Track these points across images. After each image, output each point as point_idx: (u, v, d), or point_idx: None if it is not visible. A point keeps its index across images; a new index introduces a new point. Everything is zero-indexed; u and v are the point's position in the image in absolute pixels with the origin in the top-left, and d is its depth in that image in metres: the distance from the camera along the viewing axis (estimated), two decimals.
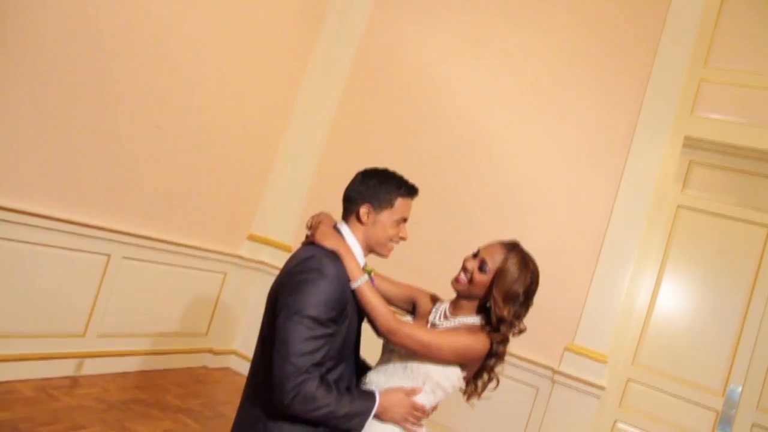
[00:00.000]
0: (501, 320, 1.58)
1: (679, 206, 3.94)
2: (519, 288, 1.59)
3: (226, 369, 4.55)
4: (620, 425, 3.83)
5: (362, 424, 1.48)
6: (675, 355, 3.78)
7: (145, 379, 3.86)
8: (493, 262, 1.61)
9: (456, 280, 1.67)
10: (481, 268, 1.62)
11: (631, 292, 3.85)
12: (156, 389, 3.76)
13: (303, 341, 1.40)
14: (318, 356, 1.41)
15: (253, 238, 4.66)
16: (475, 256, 1.66)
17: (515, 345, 3.81)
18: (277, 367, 1.40)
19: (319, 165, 4.77)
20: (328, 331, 1.44)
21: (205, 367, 4.47)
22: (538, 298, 3.98)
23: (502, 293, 1.58)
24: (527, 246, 1.83)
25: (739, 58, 3.78)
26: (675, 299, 3.86)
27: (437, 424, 4.00)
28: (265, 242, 4.64)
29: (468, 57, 4.45)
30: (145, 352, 4.00)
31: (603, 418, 3.83)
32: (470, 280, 1.64)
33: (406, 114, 4.58)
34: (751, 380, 3.58)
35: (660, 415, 3.75)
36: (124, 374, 3.81)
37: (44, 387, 3.28)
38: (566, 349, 3.78)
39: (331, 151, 4.75)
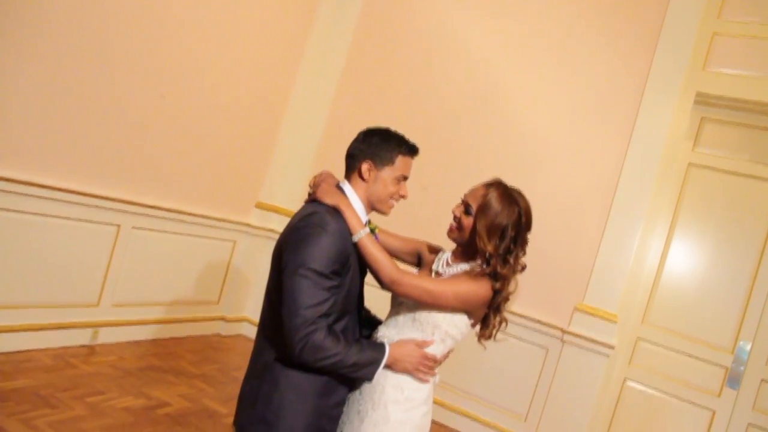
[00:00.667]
0: (488, 256, 1.58)
1: (689, 164, 3.89)
2: (502, 220, 1.58)
3: (239, 336, 4.62)
4: (630, 384, 3.87)
5: (372, 374, 1.53)
6: (685, 314, 3.79)
7: (160, 347, 3.93)
8: (476, 202, 1.62)
9: (449, 230, 1.69)
10: (466, 210, 1.64)
11: (641, 252, 3.84)
12: (171, 356, 3.83)
13: (308, 294, 1.44)
14: (324, 307, 1.45)
15: (261, 206, 4.67)
16: (461, 201, 1.69)
17: (525, 306, 3.88)
18: (285, 320, 1.45)
19: (326, 131, 4.73)
20: (333, 283, 1.48)
21: (218, 335, 4.53)
22: (546, 259, 4.01)
23: (484, 227, 1.58)
24: (537, 205, 1.82)
25: (754, 10, 3.68)
26: (685, 258, 3.85)
27: (449, 385, 4.06)
28: (274, 210, 4.64)
29: (478, 13, 4.35)
30: (158, 321, 4.06)
31: (612, 377, 3.87)
32: (458, 226, 1.66)
33: (415, 73, 4.51)
34: (761, 337, 3.59)
35: (669, 372, 3.78)
36: (138, 342, 3.88)
37: (62, 355, 3.35)
38: (576, 309, 3.79)
39: (337, 115, 4.71)
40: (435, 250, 1.82)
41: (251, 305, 4.69)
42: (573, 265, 3.87)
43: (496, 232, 1.59)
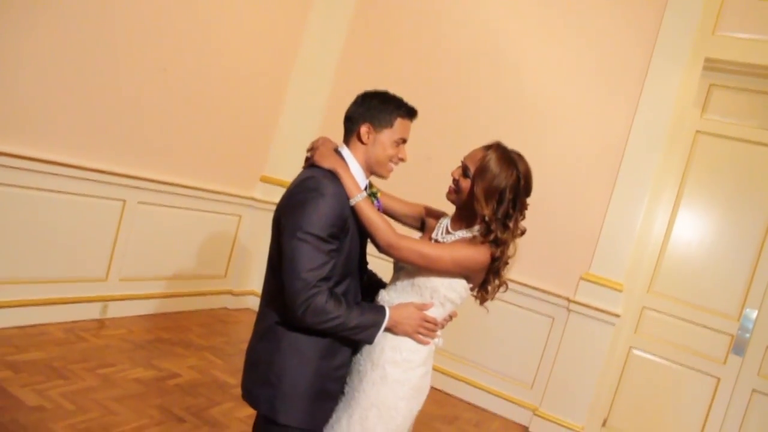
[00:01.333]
0: (486, 220, 1.58)
1: (697, 131, 3.84)
2: (500, 183, 1.56)
3: (246, 309, 4.66)
4: (635, 352, 3.89)
5: (373, 336, 1.55)
6: (691, 282, 3.79)
7: (169, 321, 3.97)
8: (474, 164, 1.60)
9: (447, 192, 1.68)
10: (464, 173, 1.62)
11: (648, 220, 3.82)
12: (179, 329, 3.87)
13: (308, 258, 1.45)
14: (325, 271, 1.47)
15: (265, 180, 4.67)
16: (460, 164, 1.67)
17: (531, 276, 3.89)
18: (287, 284, 1.47)
19: (329, 102, 4.69)
20: (332, 246, 1.49)
21: (225, 308, 4.58)
22: (552, 228, 4.00)
23: (482, 190, 1.57)
24: (543, 174, 1.80)
25: None
26: (692, 226, 3.83)
27: (456, 355, 4.10)
28: (278, 183, 4.64)
29: None
30: (166, 295, 4.09)
31: (618, 346, 3.89)
32: (456, 188, 1.65)
33: (420, 41, 4.45)
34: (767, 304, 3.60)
35: (675, 340, 3.80)
36: (147, 316, 3.92)
37: (73, 329, 3.39)
38: (581, 278, 3.79)
39: (340, 86, 4.66)
40: (437, 216, 1.80)
41: (258, 279, 4.72)
42: (579, 234, 3.86)
43: (493, 195, 1.57)
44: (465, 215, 1.67)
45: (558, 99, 4.00)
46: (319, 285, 1.46)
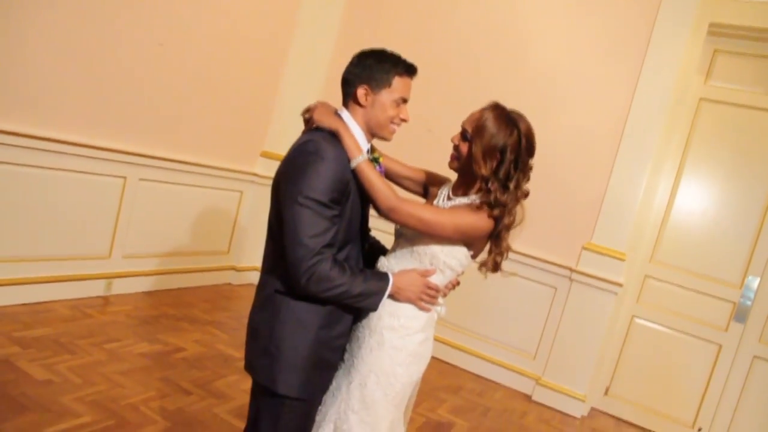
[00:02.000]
0: (485, 180, 1.55)
1: (701, 99, 3.80)
2: (498, 142, 1.53)
3: (250, 285, 4.68)
4: (638, 321, 3.91)
5: (377, 304, 1.53)
6: (693, 250, 3.79)
7: (173, 297, 4.00)
8: (471, 125, 1.57)
9: (449, 160, 1.65)
10: (463, 136, 1.59)
11: (650, 189, 3.80)
12: (184, 305, 3.90)
13: (310, 224, 1.41)
14: (328, 237, 1.43)
15: (266, 155, 4.65)
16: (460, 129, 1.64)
17: (533, 246, 3.89)
18: (289, 252, 1.43)
19: (328, 75, 4.64)
20: (334, 212, 1.45)
21: (229, 284, 4.60)
22: (554, 198, 3.99)
23: (480, 150, 1.54)
24: (545, 143, 1.76)
25: None
26: (695, 194, 3.81)
27: (459, 326, 4.13)
28: (279, 159, 4.58)
29: None
30: (170, 272, 4.11)
31: (620, 315, 3.91)
32: (457, 154, 1.61)
33: (421, 12, 4.38)
34: None
35: (677, 309, 3.81)
36: (151, 293, 3.95)
37: (78, 306, 3.42)
38: (584, 248, 3.79)
39: (339, 59, 4.60)
40: (441, 182, 1.77)
41: (260, 254, 4.71)
42: (581, 203, 3.85)
43: (492, 155, 1.54)
44: (466, 181, 1.64)
45: (560, 67, 3.95)
46: (323, 252, 1.42)
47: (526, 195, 1.61)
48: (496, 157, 1.55)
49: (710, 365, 3.72)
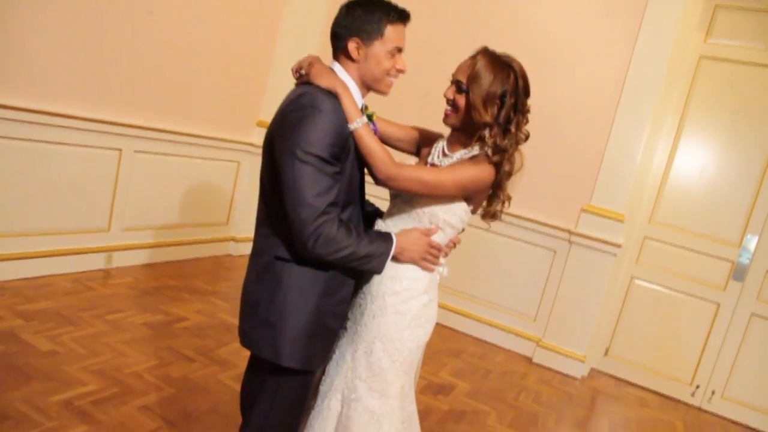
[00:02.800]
0: (488, 127, 1.51)
1: (701, 57, 3.74)
2: (497, 88, 1.49)
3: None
4: (637, 281, 3.93)
5: (382, 265, 1.47)
6: (692, 210, 3.79)
7: (173, 268, 4.02)
8: (465, 75, 1.52)
9: (444, 116, 1.59)
10: (458, 89, 1.53)
11: (649, 149, 3.78)
12: (184, 276, 3.92)
13: (313, 182, 1.32)
14: (332, 195, 1.35)
15: (262, 125, 4.61)
16: (450, 83, 1.57)
17: (532, 209, 3.88)
18: (292, 214, 1.34)
19: (322, 42, 4.56)
20: (335, 168, 1.37)
21: (229, 255, 4.62)
22: (552, 162, 3.95)
23: (480, 98, 1.49)
24: (542, 104, 1.73)
25: None
26: (694, 154, 3.79)
27: (459, 291, 4.15)
28: None
29: None
30: (170, 244, 4.12)
31: (620, 276, 3.93)
32: (454, 108, 1.56)
33: None
34: None
35: (676, 269, 3.83)
36: (152, 265, 3.96)
37: (80, 279, 3.44)
38: (582, 210, 3.79)
39: None
40: (433, 138, 1.73)
41: None
42: (579, 165, 3.83)
43: (492, 101, 1.50)
44: (462, 135, 1.60)
45: (558, 26, 3.88)
46: (329, 211, 1.34)
47: (526, 137, 1.57)
48: (496, 103, 1.51)
49: (708, 324, 3.75)
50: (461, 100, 1.54)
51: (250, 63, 4.44)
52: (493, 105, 1.51)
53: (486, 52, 1.54)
